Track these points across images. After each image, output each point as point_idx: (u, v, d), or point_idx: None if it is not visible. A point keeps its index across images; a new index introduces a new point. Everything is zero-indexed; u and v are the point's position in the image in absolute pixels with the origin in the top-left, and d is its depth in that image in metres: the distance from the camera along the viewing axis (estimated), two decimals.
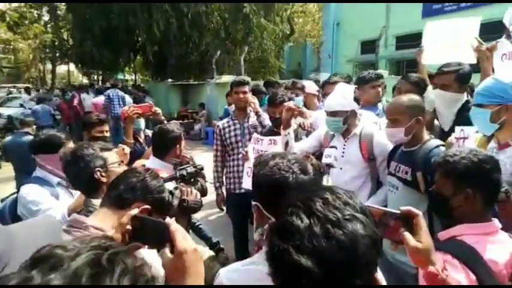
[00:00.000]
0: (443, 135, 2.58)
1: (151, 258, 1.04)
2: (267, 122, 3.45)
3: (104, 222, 1.29)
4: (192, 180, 1.87)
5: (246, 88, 3.49)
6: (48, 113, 10.80)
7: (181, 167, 1.91)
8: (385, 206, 2.32)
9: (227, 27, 16.23)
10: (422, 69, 3.38)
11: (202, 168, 1.96)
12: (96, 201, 1.52)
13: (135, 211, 1.07)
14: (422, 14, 13.23)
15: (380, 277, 0.74)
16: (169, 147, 2.51)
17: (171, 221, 0.98)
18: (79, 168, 1.76)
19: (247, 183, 3.03)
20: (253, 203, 1.20)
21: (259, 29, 16.00)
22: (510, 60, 2.77)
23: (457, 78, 2.57)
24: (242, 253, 3.73)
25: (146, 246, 1.07)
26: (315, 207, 0.73)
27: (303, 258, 0.66)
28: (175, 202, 1.69)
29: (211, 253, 4.22)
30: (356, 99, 2.60)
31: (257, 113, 3.51)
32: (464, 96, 2.68)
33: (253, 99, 3.53)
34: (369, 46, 15.41)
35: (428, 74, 3.30)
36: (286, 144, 2.67)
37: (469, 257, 1.20)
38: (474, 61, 2.96)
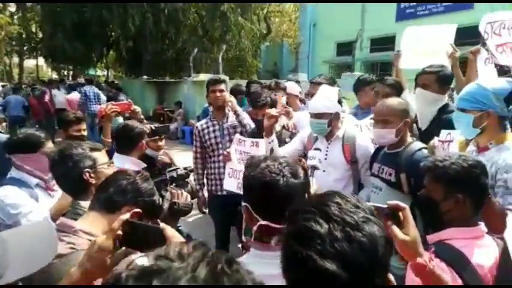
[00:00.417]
0: (421, 134, 2.68)
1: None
2: (247, 121, 3.42)
3: (94, 226, 1.25)
4: (182, 182, 1.84)
5: (222, 86, 3.42)
6: (21, 104, 10.40)
7: (171, 169, 1.88)
8: None
9: (204, 25, 16.06)
10: (399, 73, 3.48)
11: (192, 171, 1.94)
12: (85, 204, 1.48)
13: (126, 216, 1.04)
14: (396, 18, 13.61)
15: (391, 277, 0.77)
16: (135, 143, 2.56)
17: (165, 226, 0.97)
18: (67, 168, 1.69)
19: (228, 185, 3.01)
20: (243, 204, 1.22)
21: (237, 27, 15.94)
22: (492, 64, 2.91)
23: (437, 79, 2.65)
24: None
25: (138, 252, 1.06)
26: (331, 212, 0.74)
27: (328, 263, 0.67)
28: (166, 205, 1.66)
29: None
30: (339, 102, 2.64)
31: (235, 112, 3.44)
32: (445, 99, 2.78)
33: (230, 98, 3.46)
34: (344, 48, 15.69)
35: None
36: (271, 151, 2.69)
37: (458, 262, 1.25)
38: (449, 67, 3.10)
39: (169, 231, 0.95)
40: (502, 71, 2.96)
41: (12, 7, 24.28)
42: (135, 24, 13.71)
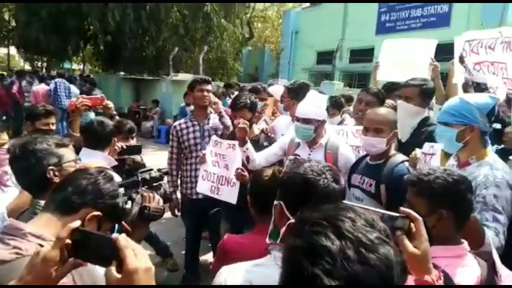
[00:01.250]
0: (401, 146, 2.69)
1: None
2: (229, 122, 3.38)
3: (46, 229, 1.13)
4: (155, 185, 1.73)
5: (209, 87, 3.37)
6: None
7: (144, 170, 1.77)
8: None
9: (186, 24, 15.86)
10: (377, 84, 3.51)
11: (166, 173, 1.83)
12: None
13: (76, 223, 0.92)
14: (376, 31, 13.92)
15: None
16: (108, 140, 2.55)
17: (119, 236, 0.87)
18: (29, 165, 1.56)
19: (201, 187, 2.93)
20: (276, 202, 1.20)
21: (219, 29, 15.83)
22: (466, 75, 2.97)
23: (420, 92, 2.68)
24: (192, 260, 3.61)
25: (89, 264, 0.96)
26: (344, 228, 0.66)
27: (335, 284, 0.60)
28: (136, 209, 1.55)
29: (158, 258, 4.04)
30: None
31: (220, 114, 3.41)
32: (426, 112, 2.81)
33: (215, 99, 3.43)
34: (324, 57, 15.89)
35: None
36: (247, 159, 2.64)
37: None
38: (429, 80, 3.16)
39: (123, 242, 0.85)
40: (479, 88, 3.04)
41: None
42: (114, 18, 13.34)
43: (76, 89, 10.29)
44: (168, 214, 3.82)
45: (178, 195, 3.54)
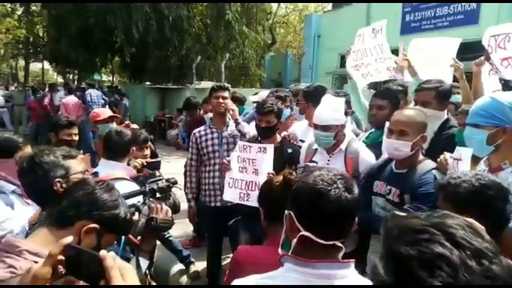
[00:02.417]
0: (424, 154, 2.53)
1: None
2: (247, 129, 3.33)
3: (43, 245, 1.10)
4: (164, 195, 1.69)
5: (226, 93, 3.34)
6: None
7: (152, 180, 1.73)
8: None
9: (209, 33, 16.06)
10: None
11: (175, 182, 1.79)
12: None
13: (68, 239, 0.89)
14: (401, 31, 13.54)
15: None
16: (127, 150, 2.57)
17: (106, 255, 0.83)
18: (36, 177, 1.56)
19: (229, 195, 2.87)
20: (286, 211, 1.16)
21: (241, 36, 15.91)
22: (496, 75, 2.79)
23: (437, 95, 2.53)
24: (214, 268, 3.56)
25: (81, 281, 0.92)
26: (459, 236, 0.60)
27: None
28: (143, 220, 1.51)
29: (181, 266, 4.02)
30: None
31: (236, 121, 3.37)
32: (445, 114, 2.65)
33: (232, 106, 3.39)
34: None
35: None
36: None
37: None
38: (450, 80, 2.98)
39: (109, 261, 0.81)
40: (507, 85, 2.84)
41: (19, 10, 24.49)
42: (139, 30, 13.69)
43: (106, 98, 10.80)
44: (185, 219, 3.83)
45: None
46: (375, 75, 3.33)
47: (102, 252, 0.84)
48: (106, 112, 4.11)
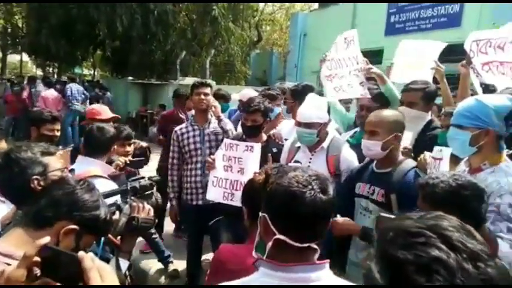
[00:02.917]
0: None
1: None
2: (229, 126, 3.30)
3: (17, 246, 1.04)
4: (146, 194, 1.65)
5: (208, 90, 3.28)
6: None
7: (134, 178, 1.68)
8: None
9: (194, 29, 15.88)
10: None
11: (157, 181, 1.75)
12: None
13: (45, 239, 0.85)
14: (385, 32, 13.71)
15: None
16: (107, 147, 2.47)
17: (84, 256, 0.80)
18: (12, 174, 1.49)
19: (212, 194, 2.82)
20: (261, 214, 1.13)
21: (227, 33, 15.80)
22: (477, 79, 2.85)
23: (423, 96, 2.57)
24: (194, 267, 3.53)
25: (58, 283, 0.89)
26: (454, 238, 0.59)
27: None
28: (124, 220, 1.47)
29: (160, 266, 3.97)
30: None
31: (218, 118, 3.31)
32: (429, 115, 2.69)
33: (214, 103, 3.34)
34: None
35: None
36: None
37: None
38: (431, 82, 3.03)
39: (87, 263, 0.78)
40: (488, 89, 2.91)
41: None
42: (123, 24, 13.43)
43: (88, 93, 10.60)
44: (167, 218, 3.78)
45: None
46: (347, 90, 3.12)
47: (81, 253, 0.81)
48: (107, 112, 3.71)
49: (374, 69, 2.94)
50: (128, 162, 2.86)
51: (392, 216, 1.01)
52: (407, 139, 2.48)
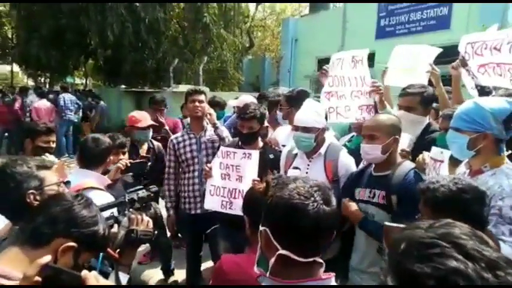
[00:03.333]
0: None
1: None
2: (226, 133, 3.28)
3: (13, 266, 1.00)
4: (144, 205, 1.62)
5: (202, 97, 3.25)
6: None
7: (132, 190, 1.66)
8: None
9: (186, 36, 15.89)
10: (386, 90, 3.40)
11: (157, 192, 1.72)
12: None
13: (46, 258, 0.83)
14: (376, 36, 13.83)
15: None
16: (103, 159, 2.44)
17: (88, 275, 0.78)
18: (7, 189, 1.46)
19: (210, 203, 2.79)
20: (261, 228, 1.09)
21: (219, 39, 15.84)
22: (473, 81, 2.87)
23: (422, 100, 2.57)
24: (193, 277, 3.49)
25: None
26: (469, 247, 0.57)
27: None
28: (122, 233, 1.44)
29: (159, 277, 3.93)
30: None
31: (214, 125, 3.28)
32: (427, 119, 2.70)
33: (209, 110, 3.31)
34: (325, 64, 15.77)
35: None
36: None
37: None
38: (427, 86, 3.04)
39: (92, 281, 0.76)
40: (484, 92, 2.92)
41: None
42: (114, 33, 13.37)
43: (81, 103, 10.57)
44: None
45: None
46: (342, 114, 2.97)
47: (84, 273, 0.78)
48: (146, 119, 3.81)
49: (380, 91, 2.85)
50: (129, 164, 2.84)
51: (399, 225, 0.98)
52: (405, 142, 2.48)
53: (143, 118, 3.81)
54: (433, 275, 0.56)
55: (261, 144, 2.97)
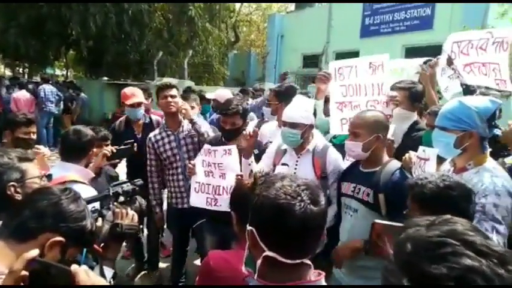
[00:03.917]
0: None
1: None
2: (204, 128, 3.18)
3: None
4: (129, 199, 1.59)
5: (174, 91, 3.13)
6: None
7: (116, 183, 1.62)
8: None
9: (170, 28, 15.68)
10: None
11: (141, 185, 1.69)
12: None
13: (33, 252, 0.80)
14: (360, 34, 13.97)
15: None
16: (85, 152, 2.37)
17: (78, 270, 0.78)
18: None
19: (195, 201, 2.77)
20: (248, 227, 1.04)
21: (204, 33, 15.71)
22: (458, 79, 2.92)
23: (410, 96, 2.60)
24: (178, 271, 3.46)
25: None
26: (479, 243, 0.57)
27: None
28: (107, 227, 1.40)
29: (144, 270, 3.89)
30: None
31: (191, 121, 3.16)
32: (415, 116, 2.73)
33: (184, 106, 3.18)
34: (310, 60, 15.89)
35: None
36: (250, 173, 2.48)
37: None
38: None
39: (82, 277, 0.74)
40: (468, 90, 2.98)
41: None
42: (96, 23, 13.06)
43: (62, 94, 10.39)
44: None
45: (163, 207, 3.41)
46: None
47: (74, 267, 0.76)
48: (136, 96, 3.67)
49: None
50: (115, 151, 2.77)
51: (388, 222, 0.98)
52: (389, 131, 2.49)
53: (132, 95, 3.66)
54: (451, 276, 0.55)
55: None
